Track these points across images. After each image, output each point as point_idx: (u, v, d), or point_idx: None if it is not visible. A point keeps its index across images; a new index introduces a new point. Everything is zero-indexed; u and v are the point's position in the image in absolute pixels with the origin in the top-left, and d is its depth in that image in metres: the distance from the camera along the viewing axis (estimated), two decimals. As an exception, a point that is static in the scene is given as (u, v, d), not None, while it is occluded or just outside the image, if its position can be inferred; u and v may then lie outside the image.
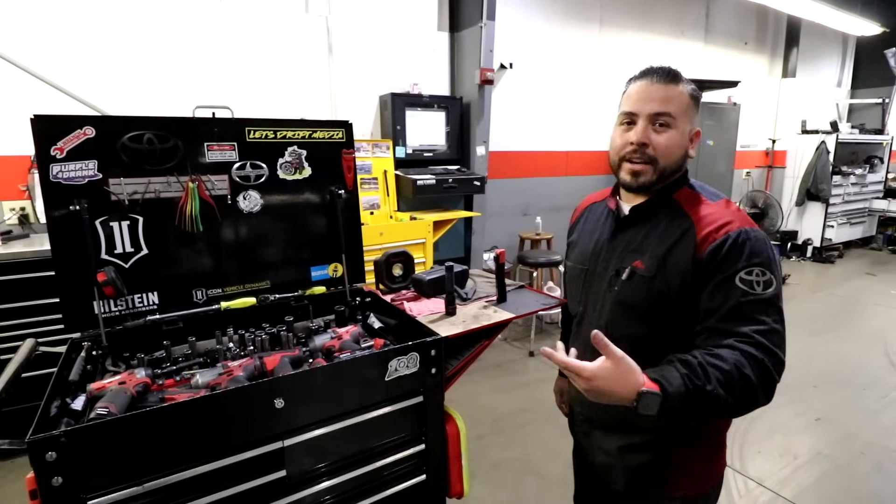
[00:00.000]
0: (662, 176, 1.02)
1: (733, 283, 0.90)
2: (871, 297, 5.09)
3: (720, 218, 0.96)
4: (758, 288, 0.90)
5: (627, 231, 1.09)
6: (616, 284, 1.05)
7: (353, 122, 1.74)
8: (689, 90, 1.02)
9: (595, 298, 1.12)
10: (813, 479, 2.36)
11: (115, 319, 1.40)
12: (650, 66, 1.04)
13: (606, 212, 1.18)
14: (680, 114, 0.99)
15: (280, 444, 1.12)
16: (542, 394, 3.12)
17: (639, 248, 1.04)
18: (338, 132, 1.69)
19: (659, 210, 1.05)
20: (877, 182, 7.16)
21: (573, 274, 1.22)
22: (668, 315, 0.99)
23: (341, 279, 1.71)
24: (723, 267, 0.92)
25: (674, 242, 0.98)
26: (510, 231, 4.47)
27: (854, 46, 7.85)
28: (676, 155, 1.01)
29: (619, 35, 5.02)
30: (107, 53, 2.78)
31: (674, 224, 1.00)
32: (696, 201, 1.02)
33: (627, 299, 1.03)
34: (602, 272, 1.11)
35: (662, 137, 0.99)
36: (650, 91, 1.00)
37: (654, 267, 0.99)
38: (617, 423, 1.13)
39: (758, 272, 0.90)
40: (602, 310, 1.09)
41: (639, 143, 1.00)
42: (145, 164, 1.40)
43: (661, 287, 0.98)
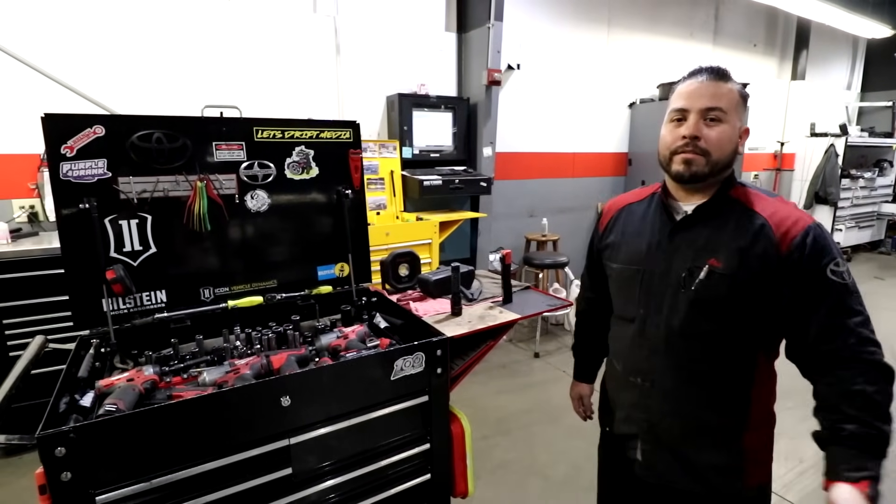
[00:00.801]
0: (714, 169, 1.03)
1: (826, 276, 0.95)
2: (880, 302, 5.03)
3: (790, 214, 1.00)
4: (846, 278, 0.96)
5: (689, 230, 1.07)
6: (692, 284, 1.04)
7: (361, 122, 1.75)
8: (738, 88, 1.04)
9: (659, 300, 1.09)
10: (818, 484, 2.33)
11: (123, 317, 1.41)
12: (699, 65, 1.07)
13: (655, 211, 1.15)
14: (731, 109, 1.01)
15: (286, 442, 1.12)
16: (547, 395, 3.11)
17: (709, 247, 1.03)
18: (345, 132, 1.69)
19: (723, 208, 1.05)
20: (886, 185, 7.09)
21: (625, 276, 1.17)
22: (744, 311, 1.02)
23: (347, 279, 1.72)
24: (812, 262, 0.96)
25: (752, 239, 0.99)
26: (516, 232, 4.46)
27: (864, 49, 7.77)
28: (728, 149, 1.02)
29: (628, 36, 4.99)
30: (116, 53, 2.81)
31: (743, 221, 1.02)
32: (756, 198, 1.04)
33: (707, 298, 1.03)
34: (664, 273, 1.09)
35: (714, 131, 1.01)
36: (701, 88, 1.02)
37: (735, 264, 1.00)
38: (690, 429, 1.10)
39: (839, 262, 0.96)
40: (673, 310, 1.07)
41: (691, 137, 1.01)
42: (154, 163, 1.41)
43: (743, 283, 0.99)
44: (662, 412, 1.12)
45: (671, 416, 1.11)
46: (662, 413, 1.12)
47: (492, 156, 3.94)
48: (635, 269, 1.14)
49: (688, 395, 1.08)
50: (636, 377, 1.15)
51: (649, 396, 1.12)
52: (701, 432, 1.09)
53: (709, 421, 1.07)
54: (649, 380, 1.12)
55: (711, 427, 1.08)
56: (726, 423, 1.07)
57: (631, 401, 1.17)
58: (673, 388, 1.09)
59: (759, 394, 1.07)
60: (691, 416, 1.08)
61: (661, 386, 1.10)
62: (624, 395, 1.20)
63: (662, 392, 1.10)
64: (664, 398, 1.11)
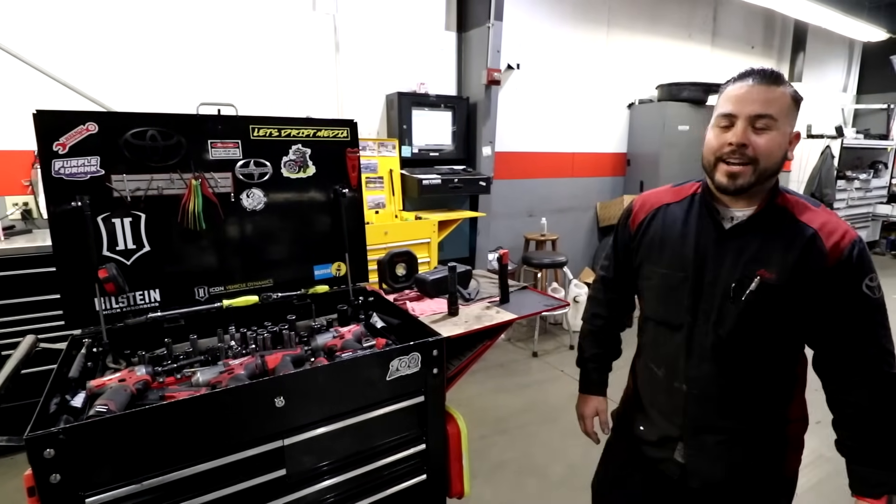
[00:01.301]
0: (761, 178, 0.99)
1: (861, 290, 0.97)
2: (876, 303, 5.06)
3: (838, 225, 0.99)
4: (877, 293, 0.99)
5: (737, 239, 1.04)
6: (742, 295, 1.02)
7: (360, 120, 1.73)
8: (791, 92, 0.99)
9: (707, 308, 1.07)
10: (814, 482, 2.34)
11: (116, 316, 1.39)
12: (751, 67, 1.02)
13: (698, 215, 1.11)
14: (781, 116, 0.97)
15: (280, 443, 1.11)
16: (545, 394, 3.11)
17: (759, 258, 1.01)
18: (342, 131, 1.68)
19: (772, 218, 1.03)
20: (881, 187, 7.11)
21: (671, 282, 1.13)
22: (794, 321, 1.02)
23: (344, 278, 1.71)
24: (854, 274, 0.97)
25: (803, 251, 0.98)
26: (515, 232, 4.45)
27: (860, 52, 7.79)
28: (777, 157, 0.99)
29: (627, 37, 4.99)
30: (111, 48, 2.78)
31: (794, 232, 1.00)
32: (803, 208, 1.02)
33: (758, 309, 1.01)
34: (712, 281, 1.06)
35: (763, 139, 0.97)
36: (751, 93, 0.97)
37: (787, 276, 0.98)
38: (738, 431, 1.10)
39: (873, 277, 0.98)
40: (721, 319, 1.05)
41: (738, 144, 0.97)
42: (148, 160, 1.40)
43: (794, 295, 0.99)
44: (708, 415, 1.11)
45: (718, 419, 1.10)
46: (708, 416, 1.11)
47: (491, 155, 3.93)
48: (683, 275, 1.10)
49: (736, 398, 1.08)
50: (682, 384, 1.12)
51: (696, 402, 1.11)
52: (748, 432, 1.10)
53: (755, 421, 1.09)
54: (697, 387, 1.10)
55: (757, 427, 1.10)
56: (771, 421, 1.09)
57: (675, 405, 1.15)
58: (720, 394, 1.09)
59: (800, 389, 1.10)
60: (740, 417, 1.09)
61: (709, 392, 1.09)
62: (665, 400, 1.18)
63: (709, 397, 1.10)
64: (712, 403, 1.10)
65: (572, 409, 1.42)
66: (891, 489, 0.93)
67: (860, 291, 0.97)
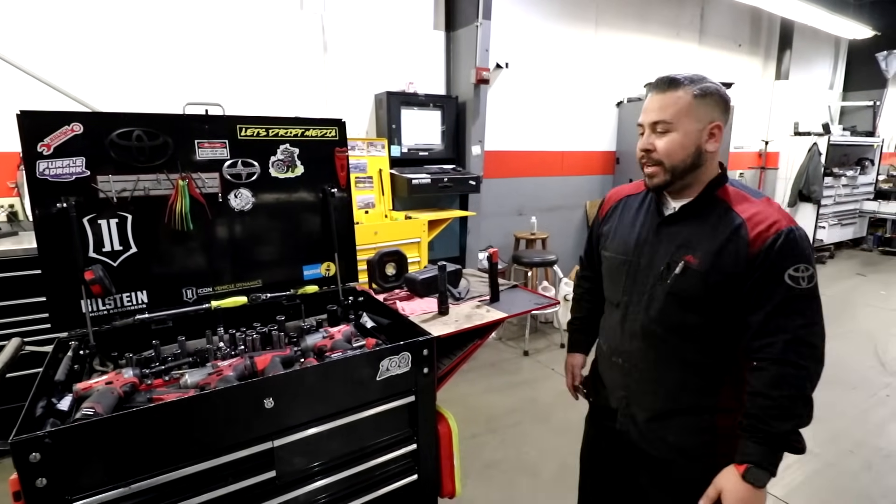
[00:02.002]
0: (675, 175, 1.09)
1: (783, 279, 1.00)
2: (862, 298, 5.13)
3: (769, 216, 1.04)
4: (803, 283, 1.00)
5: (673, 226, 1.14)
6: (668, 278, 1.11)
7: (348, 120, 1.73)
8: (693, 91, 1.06)
9: (641, 290, 1.17)
10: (803, 478, 2.37)
11: (103, 318, 1.38)
12: (656, 78, 1.12)
13: (648, 205, 1.21)
14: (679, 117, 1.06)
15: (270, 445, 1.11)
16: (536, 393, 3.12)
17: (688, 244, 1.09)
18: (331, 130, 1.68)
19: (706, 208, 1.10)
20: (868, 184, 7.22)
21: (614, 264, 1.25)
22: (718, 306, 1.07)
23: (334, 278, 1.71)
24: (774, 263, 1.00)
25: (726, 239, 1.04)
26: (506, 231, 4.47)
27: (846, 49, 7.90)
28: (680, 155, 1.08)
29: (615, 35, 5.02)
30: (96, 48, 2.75)
31: (723, 221, 1.07)
32: (741, 199, 1.09)
33: (680, 292, 1.09)
34: (648, 265, 1.16)
35: (662, 142, 1.08)
36: (650, 102, 1.10)
37: (708, 262, 1.05)
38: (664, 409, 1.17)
39: (803, 268, 1.00)
40: (651, 301, 1.15)
41: (643, 150, 1.11)
42: (134, 161, 1.39)
43: (714, 281, 1.05)
44: (639, 391, 1.21)
45: (646, 396, 1.20)
46: (639, 392, 1.21)
47: (481, 154, 3.94)
48: (623, 258, 1.22)
49: (662, 377, 1.16)
50: (618, 358, 1.25)
51: (628, 376, 1.22)
52: (674, 412, 1.16)
53: (681, 402, 1.15)
54: (629, 362, 1.21)
55: (683, 408, 1.15)
56: (698, 405, 1.14)
57: (613, 379, 1.28)
58: (648, 371, 1.18)
59: (733, 379, 1.11)
60: (665, 396, 1.17)
61: (638, 368, 1.20)
62: (608, 374, 1.31)
63: (639, 373, 1.20)
64: (641, 379, 1.20)
65: (564, 407, 1.47)
66: (752, 461, 0.98)
67: (782, 280, 0.99)
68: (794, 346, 0.99)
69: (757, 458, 0.99)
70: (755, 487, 0.98)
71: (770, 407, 0.99)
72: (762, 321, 1.01)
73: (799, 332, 0.99)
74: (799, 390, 0.99)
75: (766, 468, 0.98)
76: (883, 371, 3.49)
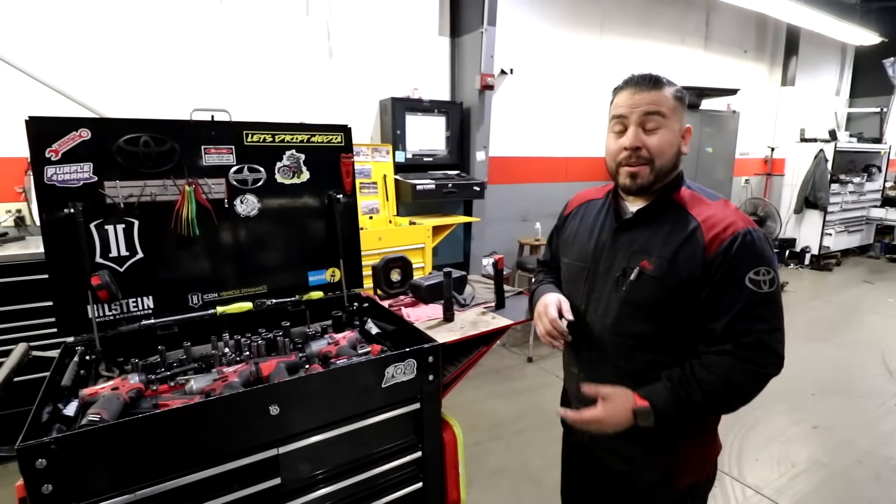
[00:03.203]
0: (659, 175, 1.05)
1: (743, 283, 0.96)
2: (869, 306, 5.08)
3: (725, 218, 1.00)
4: (764, 287, 0.96)
5: (630, 231, 1.10)
6: (623, 284, 1.06)
7: (353, 126, 1.74)
8: (673, 92, 1.05)
9: (598, 297, 1.12)
10: (810, 488, 2.34)
11: (109, 324, 1.38)
12: (633, 74, 1.08)
13: (606, 211, 1.17)
14: (669, 114, 1.03)
15: (275, 452, 1.10)
16: (540, 399, 3.10)
17: (644, 249, 1.05)
18: (336, 136, 1.68)
19: (662, 211, 1.07)
20: (875, 190, 7.16)
21: (573, 271, 1.21)
22: (675, 313, 1.02)
23: (339, 284, 1.70)
24: (732, 267, 0.96)
25: (681, 243, 1.01)
26: (509, 237, 4.46)
27: (853, 56, 7.88)
28: (670, 153, 1.04)
29: (620, 41, 5.03)
30: (105, 54, 2.78)
31: (679, 225, 1.03)
32: (697, 202, 1.05)
33: (636, 299, 1.05)
34: (605, 271, 1.12)
35: (654, 138, 1.03)
36: (637, 97, 1.04)
37: (663, 267, 1.01)
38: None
39: (763, 271, 0.96)
40: (608, 308, 1.10)
41: (632, 147, 1.03)
42: (141, 166, 1.39)
43: (670, 286, 1.01)
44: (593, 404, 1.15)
45: None
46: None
47: (485, 160, 3.94)
48: (581, 265, 1.17)
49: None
50: (575, 368, 1.21)
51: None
52: (635, 426, 1.09)
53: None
54: (585, 372, 1.17)
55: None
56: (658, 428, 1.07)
57: (573, 392, 1.24)
58: (604, 382, 1.10)
59: None
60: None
61: (597, 379, 1.12)
62: (570, 383, 1.27)
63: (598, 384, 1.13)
64: None
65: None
66: (655, 406, 0.98)
67: (743, 285, 0.95)
68: (756, 349, 0.95)
69: (660, 407, 0.98)
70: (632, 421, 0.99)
71: (710, 384, 0.96)
72: (723, 328, 0.97)
73: (762, 337, 0.95)
74: (746, 390, 0.97)
75: (658, 418, 0.98)
76: (891, 379, 3.44)
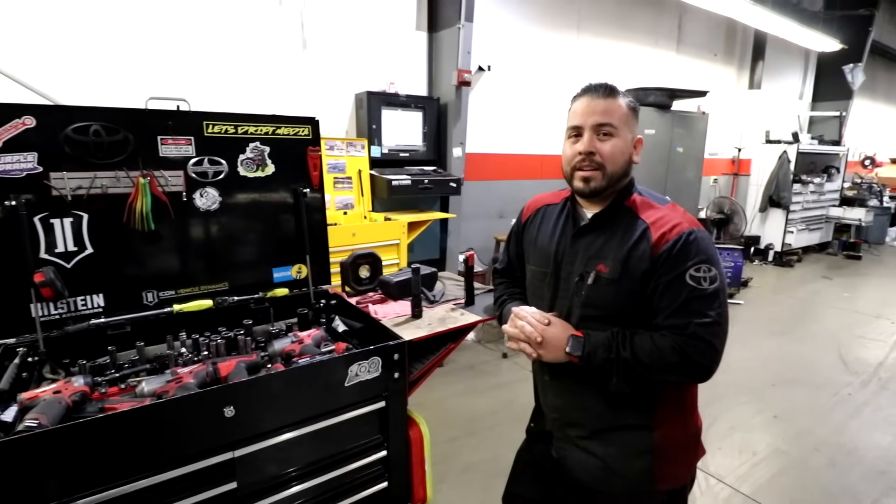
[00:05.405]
0: (611, 181, 1.09)
1: (684, 280, 1.00)
2: (827, 300, 5.30)
3: (671, 219, 1.05)
4: (704, 283, 1.00)
5: (587, 236, 1.13)
6: (583, 289, 1.09)
7: (328, 119, 1.70)
8: (627, 102, 1.09)
9: (563, 302, 1.14)
10: (770, 475, 2.43)
11: (54, 323, 1.31)
12: (590, 83, 1.11)
13: (565, 217, 1.19)
14: (620, 124, 1.07)
15: (230, 455, 1.06)
16: (514, 394, 3.12)
17: (601, 253, 1.09)
18: (304, 129, 1.63)
19: (615, 216, 1.11)
20: (834, 190, 7.49)
21: (537, 278, 1.22)
22: (635, 313, 1.06)
23: (305, 281, 1.66)
24: (675, 263, 1.01)
25: (633, 245, 1.05)
26: (486, 233, 4.46)
27: (815, 61, 8.19)
28: (621, 161, 1.08)
29: (596, 41, 5.08)
30: (63, 37, 2.62)
31: (631, 228, 1.07)
32: (647, 206, 1.10)
33: (594, 302, 1.08)
34: (567, 276, 1.14)
35: (607, 145, 1.07)
36: (592, 105, 1.08)
37: (619, 270, 1.05)
38: (597, 427, 1.13)
39: (704, 269, 1.00)
40: (570, 312, 1.12)
41: (586, 153, 1.07)
42: (91, 157, 1.32)
43: (626, 288, 1.05)
44: (570, 410, 1.18)
45: (580, 414, 1.16)
46: (572, 411, 1.17)
47: (462, 156, 3.92)
48: (544, 271, 1.20)
49: (591, 393, 1.11)
50: (545, 376, 1.22)
51: (558, 395, 1.19)
52: (608, 429, 1.12)
53: (613, 419, 1.11)
54: (556, 379, 1.18)
55: (616, 425, 1.11)
56: (631, 422, 1.10)
57: (546, 400, 1.25)
58: (576, 387, 1.14)
59: (667, 394, 1.09)
60: (598, 415, 1.12)
61: (567, 385, 1.16)
62: (542, 393, 1.27)
63: (568, 392, 1.16)
64: (571, 397, 1.16)
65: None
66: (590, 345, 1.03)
67: (684, 280, 0.99)
68: (690, 339, 0.98)
69: (591, 341, 1.03)
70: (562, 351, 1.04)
71: (641, 349, 0.99)
72: (665, 322, 1.01)
73: (697, 330, 0.98)
74: (671, 368, 0.99)
75: (584, 355, 1.02)
76: (845, 370, 3.61)
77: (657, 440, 1.09)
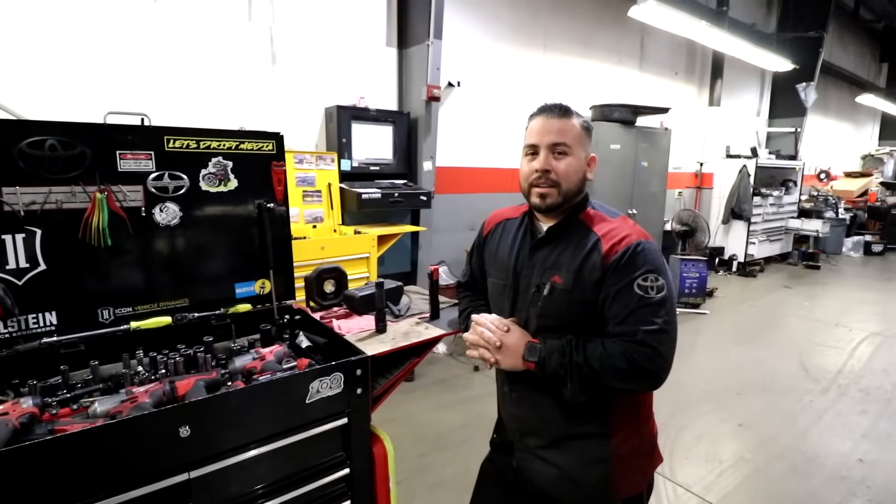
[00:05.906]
0: (566, 197, 1.14)
1: (632, 288, 1.04)
2: (788, 309, 5.54)
3: (621, 231, 1.10)
4: (651, 292, 1.04)
5: (543, 249, 1.17)
6: (539, 299, 1.13)
7: (298, 133, 1.71)
8: (581, 122, 1.14)
9: (521, 313, 1.19)
10: (736, 483, 2.49)
11: (4, 342, 1.26)
12: (545, 103, 1.16)
13: (524, 230, 1.24)
14: (574, 143, 1.12)
15: (185, 476, 1.04)
16: (486, 407, 3.12)
17: (555, 265, 1.13)
18: (268, 144, 1.64)
19: (569, 229, 1.15)
20: (792, 203, 7.87)
21: (497, 289, 1.27)
22: (588, 322, 1.10)
23: (269, 296, 1.65)
24: (624, 273, 1.05)
25: (585, 256, 1.10)
26: (458, 246, 4.50)
27: (771, 80, 8.65)
28: (575, 179, 1.13)
29: (562, 59, 5.25)
30: (17, 49, 2.57)
31: (583, 241, 1.12)
32: (599, 219, 1.15)
33: (551, 312, 1.12)
34: (525, 287, 1.18)
35: (562, 164, 1.12)
36: (547, 125, 1.12)
37: (572, 280, 1.10)
38: (555, 436, 1.17)
39: (652, 278, 1.04)
40: (528, 323, 1.16)
41: (542, 170, 1.12)
42: (46, 172, 1.29)
43: (579, 298, 1.09)
44: (529, 420, 1.21)
45: (539, 424, 1.19)
46: (531, 421, 1.20)
47: (432, 170, 3.97)
48: (504, 283, 1.24)
49: (548, 402, 1.14)
50: (505, 386, 1.25)
51: (517, 405, 1.23)
52: (565, 438, 1.15)
53: (570, 428, 1.15)
54: (515, 389, 1.22)
55: (573, 434, 1.14)
56: (587, 430, 1.14)
57: (506, 410, 1.29)
58: (534, 397, 1.17)
59: (622, 402, 1.13)
60: (556, 424, 1.16)
61: (525, 394, 1.19)
62: (503, 404, 1.31)
63: (527, 401, 1.19)
64: (529, 407, 1.20)
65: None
66: (544, 352, 1.07)
67: (632, 289, 1.04)
68: (638, 346, 1.01)
69: (547, 347, 1.07)
70: (519, 358, 1.09)
71: (592, 355, 1.03)
72: (614, 330, 1.04)
73: (645, 337, 1.01)
74: (620, 374, 1.02)
75: (540, 360, 1.06)
76: (807, 378, 3.75)
77: (613, 448, 1.12)
